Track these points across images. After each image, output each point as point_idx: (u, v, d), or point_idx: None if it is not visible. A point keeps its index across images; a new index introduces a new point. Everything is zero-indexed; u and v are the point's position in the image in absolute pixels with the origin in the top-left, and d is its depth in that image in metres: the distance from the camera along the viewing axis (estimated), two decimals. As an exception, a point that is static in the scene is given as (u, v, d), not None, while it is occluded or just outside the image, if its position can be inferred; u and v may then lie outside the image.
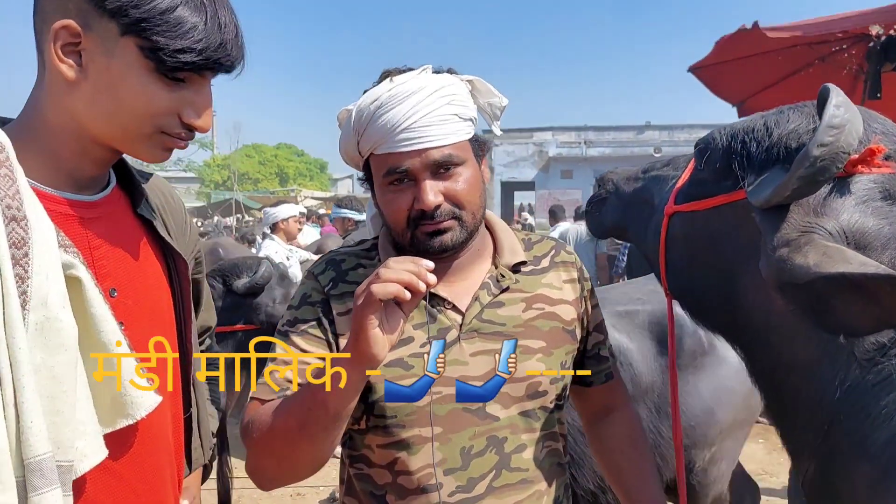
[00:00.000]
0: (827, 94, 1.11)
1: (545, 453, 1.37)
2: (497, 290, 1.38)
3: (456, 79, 1.35)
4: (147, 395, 1.05)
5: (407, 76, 1.31)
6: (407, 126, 1.26)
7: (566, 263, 1.49)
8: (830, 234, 1.11)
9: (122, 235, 1.13)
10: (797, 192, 1.11)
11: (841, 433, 1.12)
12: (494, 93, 1.42)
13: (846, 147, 1.08)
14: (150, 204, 1.23)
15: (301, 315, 1.36)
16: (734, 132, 1.30)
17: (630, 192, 1.75)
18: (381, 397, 1.30)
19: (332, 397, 1.14)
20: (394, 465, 1.31)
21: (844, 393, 1.12)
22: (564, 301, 1.44)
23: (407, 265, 1.09)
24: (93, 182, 1.11)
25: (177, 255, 1.24)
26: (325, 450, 1.22)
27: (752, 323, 1.29)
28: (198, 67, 1.01)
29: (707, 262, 1.39)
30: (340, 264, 1.42)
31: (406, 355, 1.31)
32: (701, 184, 1.39)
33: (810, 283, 1.03)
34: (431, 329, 1.33)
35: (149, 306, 1.16)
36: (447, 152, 1.28)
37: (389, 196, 1.32)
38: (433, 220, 1.29)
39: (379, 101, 1.28)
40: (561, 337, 1.40)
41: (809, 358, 1.18)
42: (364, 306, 1.09)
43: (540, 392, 1.35)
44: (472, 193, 1.32)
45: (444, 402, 1.30)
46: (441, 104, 1.28)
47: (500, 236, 1.46)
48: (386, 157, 1.30)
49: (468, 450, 1.29)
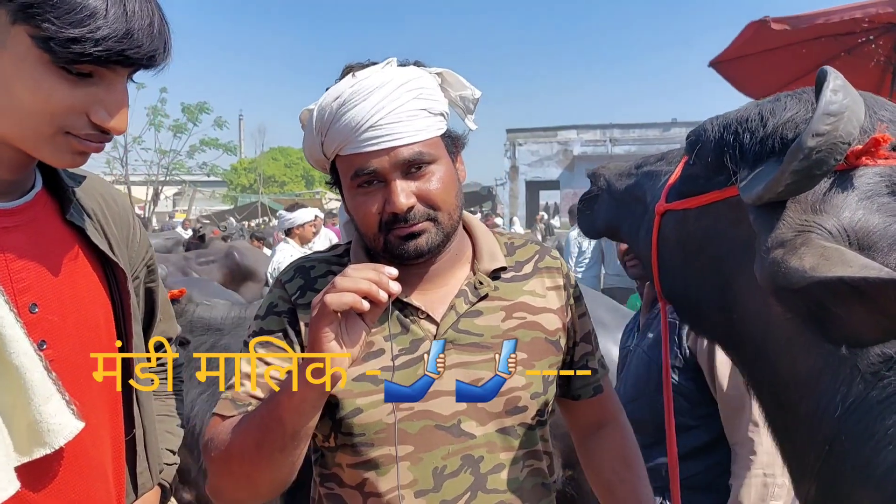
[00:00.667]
0: (824, 78, 1.00)
1: (526, 473, 1.28)
2: (475, 299, 1.30)
3: (423, 71, 1.27)
4: (66, 420, 0.97)
5: (370, 70, 1.23)
6: (372, 124, 1.18)
7: (551, 269, 1.40)
8: (830, 233, 1.00)
9: (46, 245, 1.05)
10: (792, 187, 1.01)
11: (843, 454, 1.01)
12: (466, 85, 1.33)
13: (845, 136, 0.97)
14: (85, 209, 1.14)
15: (267, 325, 1.29)
16: (727, 123, 1.20)
17: (622, 189, 1.64)
18: (348, 413, 1.22)
19: (288, 415, 1.08)
20: (363, 486, 1.23)
21: (846, 410, 1.00)
22: (548, 310, 1.35)
23: (367, 273, 1.02)
24: (10, 187, 1.02)
25: (114, 265, 1.16)
26: (285, 471, 1.15)
27: (749, 331, 1.18)
28: (100, 60, 0.91)
29: (700, 264, 1.28)
30: (309, 271, 1.34)
31: (375, 368, 1.23)
32: (693, 180, 1.29)
33: (807, 288, 0.93)
34: (402, 340, 1.25)
35: (79, 321, 1.07)
36: (417, 150, 1.20)
37: (359, 199, 1.24)
38: (406, 224, 1.21)
39: (341, 99, 1.20)
40: (544, 348, 1.31)
41: (809, 370, 1.07)
42: (318, 318, 1.02)
43: (519, 407, 1.26)
44: (446, 193, 1.24)
45: (415, 419, 1.22)
46: (408, 99, 1.20)
47: (480, 240, 1.38)
48: (352, 158, 1.22)
49: (441, 470, 1.21)
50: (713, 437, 1.89)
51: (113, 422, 1.16)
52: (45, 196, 1.09)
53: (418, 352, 1.25)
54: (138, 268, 1.31)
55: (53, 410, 0.96)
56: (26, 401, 0.93)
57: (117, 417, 1.18)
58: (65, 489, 1.03)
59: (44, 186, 1.10)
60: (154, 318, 1.41)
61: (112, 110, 0.96)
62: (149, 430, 1.25)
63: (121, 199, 1.29)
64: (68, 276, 1.07)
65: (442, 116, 1.27)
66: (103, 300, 1.14)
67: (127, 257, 1.23)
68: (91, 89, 0.94)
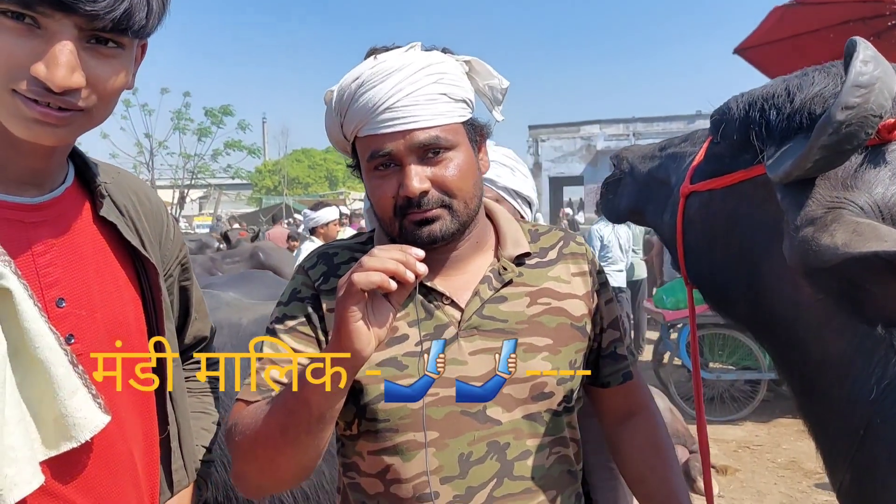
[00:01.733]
0: (853, 49, 0.96)
1: (553, 460, 1.25)
2: (499, 284, 1.28)
3: (447, 57, 1.24)
4: (92, 415, 0.96)
5: (391, 53, 1.21)
6: (389, 105, 1.16)
7: (576, 255, 1.37)
8: (862, 209, 0.96)
9: (75, 240, 1.03)
10: (821, 163, 0.97)
11: (878, 440, 0.97)
12: (493, 74, 1.31)
13: (876, 109, 0.93)
14: (117, 205, 1.13)
15: (290, 311, 1.27)
16: (752, 100, 1.16)
17: (646, 172, 1.60)
18: (373, 399, 1.20)
19: (315, 397, 1.06)
20: (385, 474, 1.21)
21: (881, 393, 0.97)
22: (573, 295, 1.32)
23: (393, 253, 1.01)
24: (38, 177, 1.01)
25: (146, 262, 1.14)
26: (311, 455, 1.13)
27: (778, 314, 1.14)
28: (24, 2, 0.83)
29: (727, 246, 1.25)
30: (333, 258, 1.33)
31: (400, 354, 1.21)
32: (718, 159, 1.25)
33: (840, 266, 0.89)
34: (427, 326, 1.23)
35: (108, 316, 1.06)
36: (434, 134, 1.18)
37: (375, 182, 1.23)
38: (420, 209, 1.19)
39: (360, 80, 1.19)
40: (569, 334, 1.28)
41: (841, 354, 1.03)
42: (345, 297, 1.01)
43: (545, 393, 1.23)
44: (463, 180, 1.21)
45: (441, 405, 1.20)
46: (427, 82, 1.18)
47: (504, 227, 1.36)
48: (369, 140, 1.20)
49: (467, 456, 1.19)
50: None
51: (144, 417, 1.14)
52: (77, 191, 1.08)
53: (442, 337, 1.23)
54: (172, 265, 1.29)
55: (79, 404, 0.94)
56: (52, 395, 0.92)
57: (150, 414, 1.16)
58: (91, 483, 1.02)
59: (76, 182, 1.08)
60: (189, 316, 1.39)
61: (49, 61, 0.86)
62: (183, 427, 1.24)
63: (154, 196, 1.27)
64: (97, 271, 1.06)
65: (465, 103, 1.24)
66: (133, 297, 1.13)
67: (159, 254, 1.23)
68: (35, 42, 0.87)
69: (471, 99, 1.26)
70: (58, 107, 0.90)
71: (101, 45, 0.92)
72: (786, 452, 5.40)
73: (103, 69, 0.92)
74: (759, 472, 5.03)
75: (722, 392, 6.19)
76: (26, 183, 1.00)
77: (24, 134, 0.91)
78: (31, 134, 0.91)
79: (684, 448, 3.59)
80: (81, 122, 0.94)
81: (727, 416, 6.09)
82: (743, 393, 6.14)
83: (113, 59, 0.94)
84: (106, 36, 0.91)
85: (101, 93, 0.93)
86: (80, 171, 1.10)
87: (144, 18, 0.93)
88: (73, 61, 0.88)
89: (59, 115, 0.90)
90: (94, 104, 0.94)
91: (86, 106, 0.92)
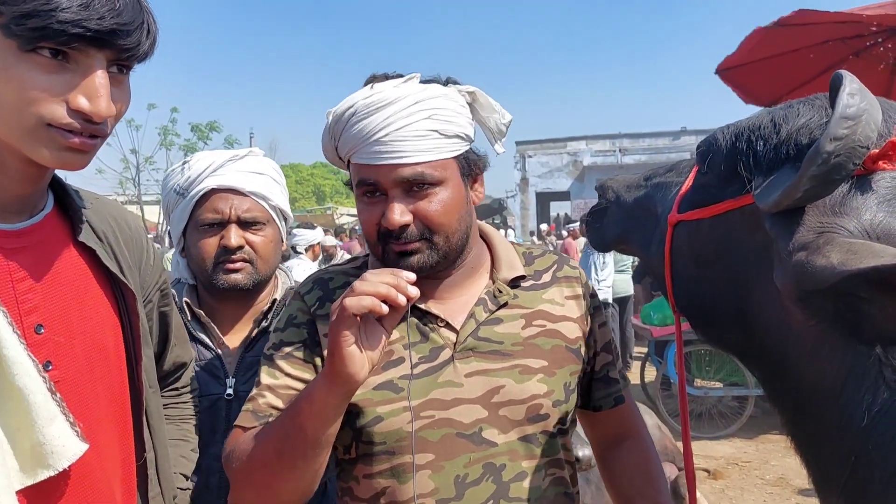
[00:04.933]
0: (839, 83, 0.98)
1: (549, 482, 1.27)
2: (494, 307, 1.30)
3: (445, 90, 1.25)
4: (70, 443, 0.95)
5: (387, 84, 1.23)
6: (378, 138, 1.18)
7: (570, 279, 1.39)
8: (852, 234, 0.98)
9: (55, 266, 1.04)
10: (810, 192, 0.99)
11: (869, 466, 0.98)
12: (496, 108, 1.33)
13: (863, 140, 0.95)
14: (96, 231, 1.13)
15: (286, 338, 1.29)
16: (738, 131, 1.18)
17: (632, 202, 1.62)
18: (369, 422, 1.22)
19: (310, 422, 1.08)
20: (380, 497, 1.22)
21: (872, 420, 0.97)
22: (568, 318, 1.34)
23: (384, 277, 1.03)
24: (20, 204, 1.02)
25: (124, 287, 1.14)
26: (307, 480, 1.15)
27: (768, 342, 1.15)
28: (62, 36, 0.87)
29: (715, 275, 1.26)
30: (328, 283, 1.35)
31: (396, 377, 1.23)
32: (705, 189, 1.27)
33: (836, 286, 0.90)
34: (422, 349, 1.25)
35: (86, 342, 1.06)
36: (419, 171, 1.20)
37: (362, 207, 1.27)
38: (399, 241, 1.22)
39: (354, 109, 1.21)
40: (564, 356, 1.30)
41: (832, 380, 1.04)
42: (338, 322, 1.03)
43: (541, 415, 1.25)
44: (446, 215, 1.23)
45: (436, 427, 1.21)
46: (419, 118, 1.19)
47: (499, 249, 1.38)
48: (359, 168, 1.24)
49: (462, 478, 1.20)
50: None
51: (122, 444, 1.14)
52: (56, 217, 1.08)
53: (438, 360, 1.24)
54: (151, 291, 1.30)
55: (57, 432, 0.94)
56: (30, 423, 0.92)
57: (127, 440, 1.16)
58: None
59: (55, 208, 1.09)
60: (168, 342, 1.40)
61: (89, 93, 0.92)
62: (161, 454, 1.24)
63: (134, 222, 1.28)
64: (77, 297, 1.06)
65: (459, 138, 1.25)
66: (113, 323, 1.13)
67: (138, 280, 1.23)
68: (67, 76, 0.91)
69: (467, 133, 1.27)
70: (90, 134, 0.94)
71: (117, 73, 0.97)
72: (774, 469, 5.42)
73: (119, 95, 0.98)
74: (747, 489, 5.04)
75: (710, 408, 6.22)
76: (11, 210, 1.00)
77: (55, 162, 0.95)
78: (62, 162, 0.95)
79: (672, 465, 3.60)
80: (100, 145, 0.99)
81: (715, 433, 6.12)
82: (731, 409, 6.18)
83: (123, 85, 1.00)
84: (123, 64, 0.97)
85: (116, 117, 0.99)
86: (59, 197, 1.11)
87: (149, 46, 0.99)
88: (109, 92, 0.93)
89: (91, 142, 0.95)
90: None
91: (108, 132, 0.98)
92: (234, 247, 1.59)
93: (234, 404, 1.58)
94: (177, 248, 1.71)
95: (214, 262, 1.60)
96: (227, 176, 1.61)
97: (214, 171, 1.61)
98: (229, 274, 1.60)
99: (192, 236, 1.63)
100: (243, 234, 1.62)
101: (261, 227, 1.65)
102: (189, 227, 1.65)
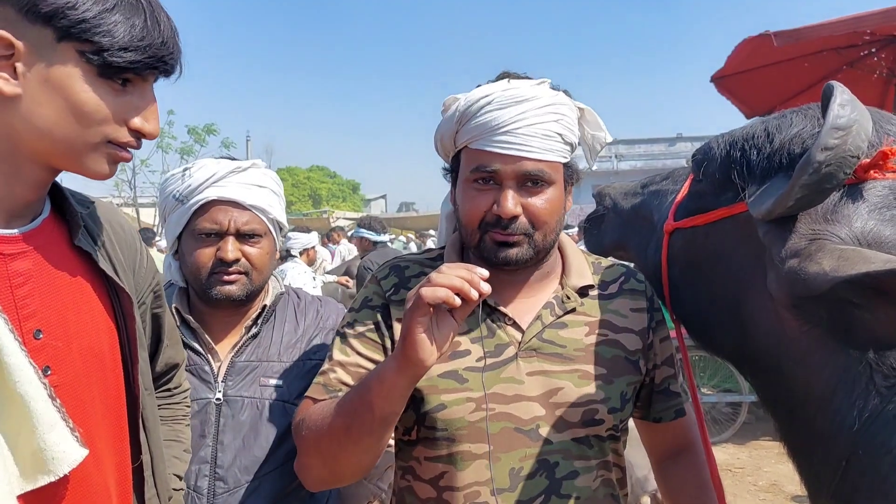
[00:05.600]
0: (830, 93, 1.00)
1: (599, 483, 1.31)
2: (561, 311, 1.35)
3: (568, 100, 1.33)
4: (70, 448, 0.96)
5: (523, 82, 1.30)
6: (510, 129, 1.24)
7: (635, 292, 1.43)
8: (843, 241, 1.00)
9: (52, 271, 1.04)
10: (802, 201, 1.01)
11: (859, 471, 1.00)
12: (602, 127, 1.40)
13: (854, 150, 0.97)
14: (92, 234, 1.14)
15: (361, 318, 1.35)
16: (733, 140, 1.20)
17: (628, 209, 1.65)
18: (433, 408, 1.27)
19: (378, 401, 1.13)
20: (439, 480, 1.28)
21: (862, 425, 0.99)
22: (630, 330, 1.38)
23: (460, 271, 1.07)
24: (25, 209, 1.03)
25: (120, 290, 1.15)
26: (371, 454, 1.20)
27: (762, 348, 1.17)
28: (143, 67, 0.97)
29: (710, 282, 1.28)
30: (404, 271, 1.41)
31: (461, 368, 1.29)
32: (700, 197, 1.29)
33: (829, 292, 0.92)
34: (488, 344, 1.30)
35: (83, 346, 1.07)
36: (540, 167, 1.26)
37: (471, 193, 1.30)
38: (505, 231, 1.27)
39: (490, 98, 1.27)
40: (623, 366, 1.35)
41: (824, 386, 1.06)
42: (413, 309, 1.08)
43: (596, 420, 1.29)
44: (550, 215, 1.29)
45: (496, 420, 1.26)
46: (549, 119, 1.26)
47: (570, 258, 1.43)
48: (479, 154, 1.28)
49: (517, 471, 1.25)
50: None
51: (118, 448, 1.14)
52: (53, 222, 1.09)
53: (502, 356, 1.29)
54: (145, 293, 1.30)
55: (58, 438, 0.94)
56: (31, 429, 0.92)
57: (123, 443, 1.16)
58: None
59: (52, 212, 1.09)
60: (161, 343, 1.41)
61: (148, 115, 1.02)
62: (156, 455, 1.24)
63: (127, 225, 1.29)
64: (74, 301, 1.07)
65: (570, 147, 1.31)
66: (109, 326, 1.14)
67: (133, 283, 1.24)
68: (127, 98, 1.00)
69: (576, 144, 1.34)
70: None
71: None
72: (767, 475, 5.43)
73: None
74: (740, 496, 5.05)
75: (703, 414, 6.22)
76: (18, 215, 1.02)
77: (102, 174, 1.02)
78: (110, 173, 1.03)
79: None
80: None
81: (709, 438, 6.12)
82: (724, 415, 6.18)
83: None
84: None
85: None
86: (56, 200, 1.12)
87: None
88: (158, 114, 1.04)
89: (130, 155, 1.05)
90: None
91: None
92: (230, 260, 1.60)
93: (224, 409, 1.58)
94: (170, 251, 1.71)
95: (209, 272, 1.61)
96: (228, 188, 1.61)
97: (216, 182, 1.61)
98: (224, 286, 1.61)
99: (188, 244, 1.63)
100: (240, 247, 1.62)
101: (258, 239, 1.66)
102: (185, 234, 1.65)
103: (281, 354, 1.66)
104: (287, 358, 1.66)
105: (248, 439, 1.56)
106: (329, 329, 1.74)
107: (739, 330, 1.22)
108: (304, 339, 1.70)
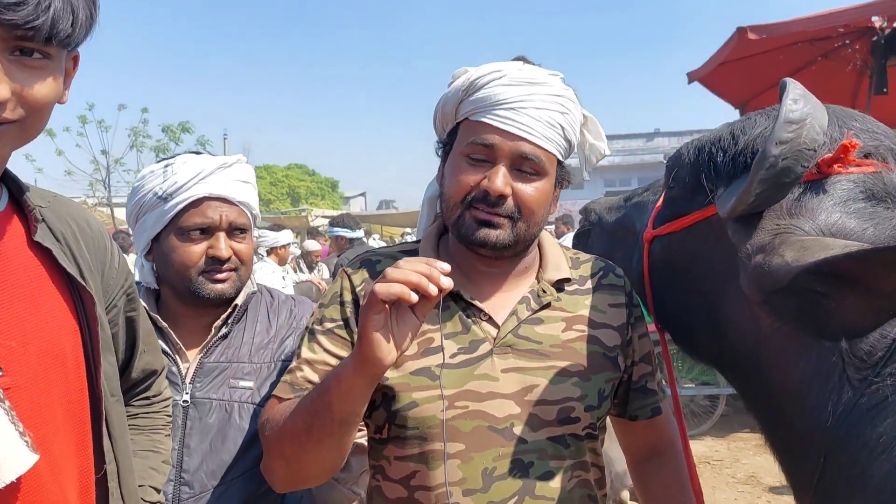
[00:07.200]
0: (783, 89, 1.01)
1: (574, 483, 1.28)
2: (537, 306, 1.32)
3: (576, 100, 1.32)
4: (18, 454, 0.90)
5: (538, 68, 1.29)
6: (516, 107, 1.23)
7: (614, 287, 1.41)
8: (808, 233, 1.01)
9: (8, 267, 0.98)
10: (762, 196, 1.02)
11: (837, 466, 1.00)
12: (602, 137, 1.40)
13: (809, 143, 0.98)
14: (54, 231, 1.07)
15: (329, 314, 1.33)
16: (700, 145, 1.22)
17: (613, 222, 1.68)
18: (403, 406, 1.24)
19: (337, 401, 1.11)
20: (410, 480, 1.25)
21: (837, 419, 1.00)
22: (608, 326, 1.35)
23: (418, 266, 1.04)
24: None
25: (83, 290, 1.08)
26: (333, 455, 1.19)
27: (740, 348, 1.18)
28: None
29: (688, 286, 1.30)
30: (375, 265, 1.37)
31: (433, 365, 1.25)
32: (674, 203, 1.31)
33: (793, 282, 0.93)
34: (463, 340, 1.28)
35: (41, 348, 1.00)
36: (538, 153, 1.25)
37: (461, 166, 1.28)
38: (490, 208, 1.24)
39: (502, 73, 1.26)
40: (601, 363, 1.32)
41: (799, 381, 1.07)
42: (367, 307, 1.05)
43: (572, 418, 1.27)
44: (538, 205, 1.27)
45: (469, 418, 1.23)
46: (556, 109, 1.26)
47: (547, 251, 1.41)
48: (478, 125, 1.26)
49: (490, 471, 1.23)
50: None
51: (80, 455, 1.07)
52: (9, 216, 1.03)
53: (476, 352, 1.26)
54: (116, 295, 1.24)
55: (4, 443, 0.89)
56: None
57: (86, 451, 1.09)
58: None
59: (10, 206, 1.04)
60: (136, 349, 1.33)
61: None
62: (123, 465, 1.16)
63: (95, 223, 1.22)
64: (31, 300, 1.01)
65: (568, 145, 1.30)
66: (71, 327, 1.07)
67: (100, 283, 1.18)
68: None
69: (574, 145, 1.33)
70: None
71: (27, 57, 0.91)
72: (745, 467, 5.47)
73: (29, 81, 0.91)
74: (719, 488, 5.09)
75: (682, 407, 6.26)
76: None
77: None
78: None
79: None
80: (14, 134, 0.93)
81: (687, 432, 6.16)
82: (702, 408, 6.21)
83: (40, 71, 0.93)
84: (31, 47, 0.90)
85: (31, 105, 0.92)
86: (13, 194, 1.06)
87: (70, 27, 0.91)
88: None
89: None
90: (23, 116, 0.92)
91: (14, 118, 0.91)
92: (225, 258, 1.57)
93: (191, 411, 1.55)
94: (142, 251, 1.67)
95: (200, 270, 1.57)
96: (217, 184, 1.58)
97: (204, 179, 1.57)
98: (216, 284, 1.58)
99: (172, 242, 1.58)
100: (230, 244, 1.60)
101: (245, 234, 1.64)
102: (167, 232, 1.60)
103: (252, 355, 1.62)
104: (258, 359, 1.62)
105: (216, 443, 1.52)
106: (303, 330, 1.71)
107: (717, 332, 1.23)
108: (276, 340, 1.65)
